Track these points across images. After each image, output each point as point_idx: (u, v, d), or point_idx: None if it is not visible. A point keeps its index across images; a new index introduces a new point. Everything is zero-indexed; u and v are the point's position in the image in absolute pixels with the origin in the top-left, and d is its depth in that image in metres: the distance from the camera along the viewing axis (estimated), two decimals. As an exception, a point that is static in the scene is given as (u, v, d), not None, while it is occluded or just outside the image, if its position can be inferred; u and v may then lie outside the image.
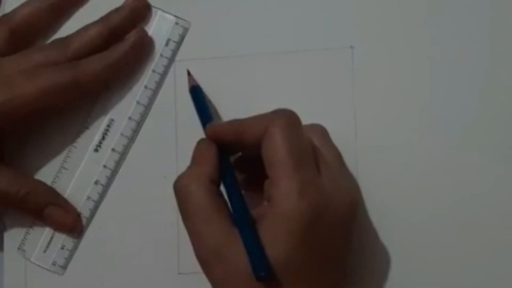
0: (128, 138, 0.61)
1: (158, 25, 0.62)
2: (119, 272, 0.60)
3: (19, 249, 0.62)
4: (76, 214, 0.61)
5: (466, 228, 0.55)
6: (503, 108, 0.56)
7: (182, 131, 0.60)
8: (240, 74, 0.60)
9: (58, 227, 0.61)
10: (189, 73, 0.60)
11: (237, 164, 0.57)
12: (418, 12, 0.58)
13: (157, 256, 0.60)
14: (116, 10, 0.61)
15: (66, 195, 0.61)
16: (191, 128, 0.58)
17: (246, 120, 0.53)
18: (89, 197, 0.61)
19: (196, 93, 0.59)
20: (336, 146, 0.55)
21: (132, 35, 0.60)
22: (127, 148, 0.61)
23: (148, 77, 0.61)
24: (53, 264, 0.61)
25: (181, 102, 0.60)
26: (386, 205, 0.56)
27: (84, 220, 0.61)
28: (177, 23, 0.61)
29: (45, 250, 0.61)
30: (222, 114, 0.60)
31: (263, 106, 0.53)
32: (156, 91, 0.61)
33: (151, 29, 0.62)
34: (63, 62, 0.59)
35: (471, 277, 0.55)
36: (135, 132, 0.61)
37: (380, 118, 0.57)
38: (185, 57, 0.61)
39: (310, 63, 0.59)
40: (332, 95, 0.58)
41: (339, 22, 0.59)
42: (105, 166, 0.61)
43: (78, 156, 0.62)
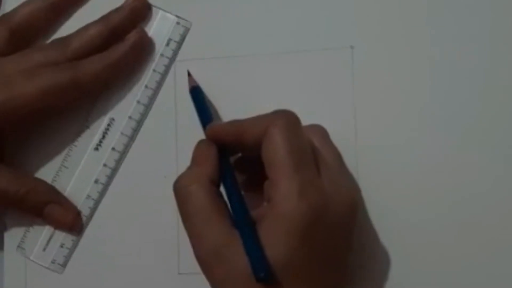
0: (128, 137, 0.61)
1: (159, 25, 0.62)
2: (119, 272, 0.61)
3: (18, 247, 0.62)
4: (76, 213, 0.61)
5: (466, 228, 0.55)
6: (503, 108, 0.56)
7: (182, 131, 0.60)
8: (240, 74, 0.60)
9: (58, 225, 0.61)
10: (189, 74, 0.60)
11: (237, 165, 0.57)
12: (418, 12, 0.58)
13: (157, 256, 0.60)
14: (116, 10, 0.61)
15: (66, 193, 0.61)
16: (191, 128, 0.58)
17: (246, 120, 0.53)
18: (89, 196, 0.61)
19: (196, 93, 0.59)
20: (336, 146, 0.55)
21: (132, 35, 0.60)
22: (127, 147, 0.61)
23: (149, 77, 0.61)
24: (52, 262, 0.61)
25: (182, 102, 0.60)
26: (386, 205, 0.56)
27: (83, 218, 0.61)
28: (178, 23, 0.61)
29: (44, 249, 0.61)
30: (222, 114, 0.60)
31: (263, 106, 0.53)
32: (157, 91, 0.61)
33: (152, 29, 0.62)
34: (63, 62, 0.59)
35: (471, 277, 0.55)
36: (135, 132, 0.61)
37: (380, 118, 0.57)
38: (186, 57, 0.61)
39: (310, 63, 0.59)
40: (332, 95, 0.58)
41: (339, 22, 0.59)
42: (105, 165, 0.61)
43: (78, 154, 0.62)
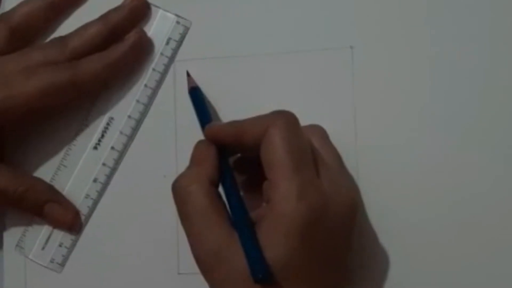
0: (127, 136, 0.61)
1: (159, 24, 0.62)
2: (118, 272, 0.60)
3: (17, 246, 0.62)
4: (75, 212, 0.61)
5: (466, 228, 0.55)
6: (503, 108, 0.56)
7: (182, 130, 0.60)
8: (240, 74, 0.60)
9: (57, 224, 0.61)
10: (188, 74, 0.60)
11: (236, 165, 0.57)
12: (418, 12, 0.58)
13: (157, 256, 0.60)
14: (116, 9, 0.61)
15: (65, 192, 0.61)
16: (191, 127, 0.58)
17: (245, 121, 0.53)
18: (87, 195, 0.61)
19: (196, 94, 0.59)
20: (336, 146, 0.55)
21: (132, 35, 0.60)
22: (126, 147, 0.61)
23: (148, 76, 0.61)
24: (51, 261, 0.61)
25: (181, 102, 0.60)
26: (386, 205, 0.56)
27: (82, 218, 0.61)
28: (178, 22, 0.61)
29: (43, 248, 0.61)
30: (222, 114, 0.60)
31: (263, 106, 0.53)
32: (156, 90, 0.61)
33: (152, 28, 0.62)
34: (62, 61, 0.59)
35: (471, 277, 0.55)
36: (135, 131, 0.61)
37: (380, 118, 0.57)
38: (185, 57, 0.61)
39: (310, 63, 0.59)
40: (332, 95, 0.58)
41: (339, 22, 0.59)
42: (104, 164, 0.61)
43: (77, 153, 0.62)
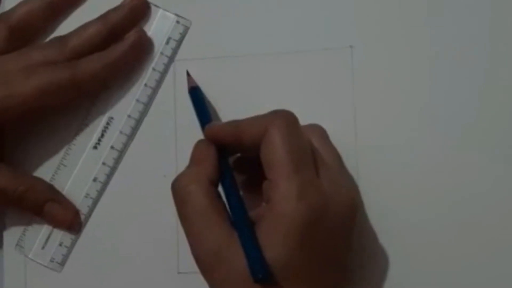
0: (127, 136, 0.61)
1: (159, 23, 0.61)
2: (118, 271, 0.60)
3: (17, 245, 0.62)
4: (75, 211, 0.61)
5: (466, 228, 0.55)
6: (503, 108, 0.56)
7: (182, 130, 0.60)
8: (240, 74, 0.60)
9: (57, 224, 0.61)
10: (188, 74, 0.60)
11: (236, 165, 0.57)
12: (418, 12, 0.58)
13: (157, 255, 0.60)
14: (115, 8, 0.61)
15: (64, 192, 0.61)
16: (191, 127, 0.58)
17: (244, 121, 0.53)
18: (87, 195, 0.61)
19: (195, 94, 0.58)
20: (336, 146, 0.55)
21: (132, 35, 0.60)
22: (126, 146, 0.61)
23: (148, 75, 0.61)
24: (51, 260, 0.61)
25: (181, 101, 0.60)
26: (386, 205, 0.56)
27: (82, 217, 0.61)
28: (178, 22, 0.61)
29: (43, 247, 0.61)
30: (222, 114, 0.60)
31: (263, 106, 0.53)
32: (156, 90, 0.61)
33: (152, 27, 0.61)
34: (62, 61, 0.59)
35: (471, 277, 0.55)
36: (135, 130, 0.61)
37: (380, 118, 0.57)
38: (185, 56, 0.61)
39: (310, 63, 0.59)
40: (332, 95, 0.58)
41: (339, 22, 0.59)
42: (104, 164, 0.61)
43: (77, 153, 0.62)
